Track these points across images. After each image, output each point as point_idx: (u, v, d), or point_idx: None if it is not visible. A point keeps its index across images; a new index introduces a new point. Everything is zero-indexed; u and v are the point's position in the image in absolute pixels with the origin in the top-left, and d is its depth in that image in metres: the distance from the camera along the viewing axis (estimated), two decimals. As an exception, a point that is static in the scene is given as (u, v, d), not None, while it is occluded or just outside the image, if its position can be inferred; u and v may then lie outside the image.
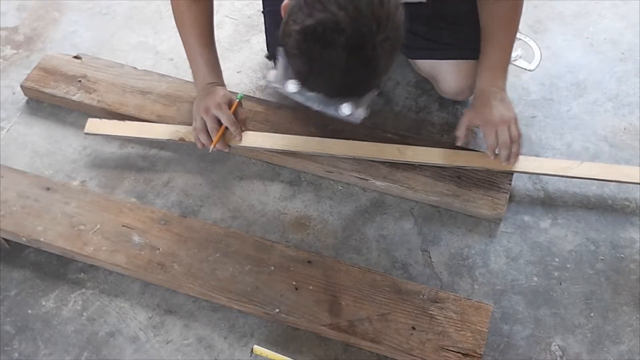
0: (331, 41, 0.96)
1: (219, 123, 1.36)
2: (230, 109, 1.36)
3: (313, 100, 1.11)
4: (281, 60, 1.07)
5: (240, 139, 1.39)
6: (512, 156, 1.34)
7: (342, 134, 1.44)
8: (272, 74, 1.12)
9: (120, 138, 1.48)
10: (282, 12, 1.05)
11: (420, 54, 1.51)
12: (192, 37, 1.36)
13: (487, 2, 1.33)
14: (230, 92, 1.40)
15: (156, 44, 1.70)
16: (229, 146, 1.39)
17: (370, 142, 1.42)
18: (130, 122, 1.46)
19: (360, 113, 1.13)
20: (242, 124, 1.40)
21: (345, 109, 1.11)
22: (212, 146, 1.35)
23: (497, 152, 1.35)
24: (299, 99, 1.12)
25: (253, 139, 1.43)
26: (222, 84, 1.40)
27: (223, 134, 1.37)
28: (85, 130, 1.44)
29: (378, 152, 1.41)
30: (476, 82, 1.38)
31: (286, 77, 1.09)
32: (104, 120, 1.45)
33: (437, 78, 1.52)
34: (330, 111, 1.12)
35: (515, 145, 1.34)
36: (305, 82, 1.06)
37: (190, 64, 1.40)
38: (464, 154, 1.39)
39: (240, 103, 1.40)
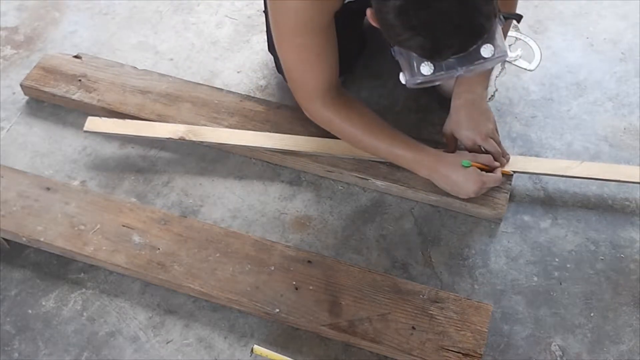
0: None
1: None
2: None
3: (454, 67, 1.02)
4: (401, 58, 1.03)
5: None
6: (503, 162, 1.34)
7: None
8: (402, 77, 1.05)
9: (120, 136, 1.48)
10: (371, 21, 1.01)
11: None
12: (371, 140, 1.30)
13: None
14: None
15: (156, 43, 1.70)
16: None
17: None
18: (129, 120, 1.46)
19: (504, 47, 1.03)
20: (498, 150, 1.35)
21: (486, 52, 1.02)
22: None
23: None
24: (441, 76, 1.04)
25: (253, 138, 1.43)
26: (428, 147, 1.33)
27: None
28: (85, 128, 1.44)
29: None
30: (454, 85, 1.32)
31: (416, 67, 1.02)
32: (104, 119, 1.45)
33: (437, 78, 1.52)
34: (474, 66, 1.03)
35: (500, 153, 1.33)
36: (435, 53, 0.99)
37: (394, 160, 1.34)
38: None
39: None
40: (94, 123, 1.45)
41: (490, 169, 1.31)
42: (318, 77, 1.23)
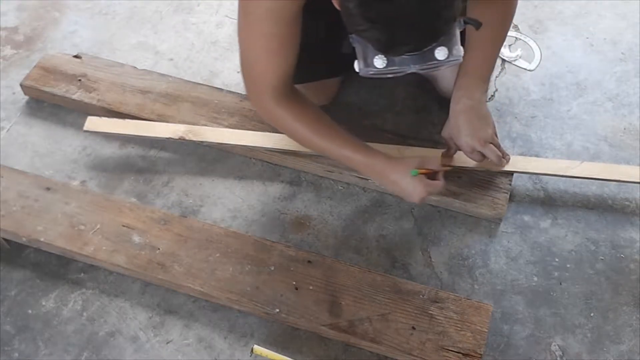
0: None
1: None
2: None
3: (407, 64, 1.03)
4: (357, 46, 1.03)
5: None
6: (503, 163, 1.34)
7: (342, 134, 1.44)
8: (356, 65, 1.06)
9: (120, 136, 1.48)
10: (334, 3, 1.01)
11: None
12: (322, 140, 1.27)
13: (477, 4, 1.24)
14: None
15: (156, 44, 1.70)
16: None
17: (371, 142, 1.42)
18: (129, 120, 1.46)
19: (457, 51, 1.04)
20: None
21: (440, 54, 1.03)
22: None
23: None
24: (393, 70, 1.04)
25: (253, 138, 1.43)
26: (379, 152, 1.30)
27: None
28: (85, 128, 1.44)
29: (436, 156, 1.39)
30: (453, 89, 1.31)
31: (370, 58, 1.03)
32: (104, 119, 1.45)
33: (437, 77, 1.52)
34: (427, 66, 1.04)
35: (501, 158, 1.32)
36: (390, 48, 0.99)
37: (344, 162, 1.30)
38: (462, 154, 1.39)
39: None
40: (93, 123, 1.45)
41: (436, 174, 1.30)
42: (277, 70, 1.21)
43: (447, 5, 0.95)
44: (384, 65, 1.03)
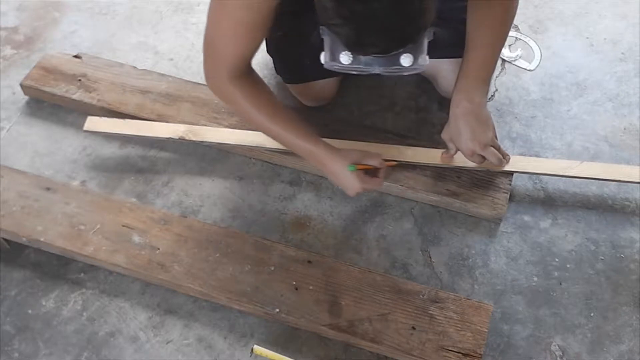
0: None
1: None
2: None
3: (372, 65, 1.05)
4: (327, 38, 1.05)
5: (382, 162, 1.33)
6: (503, 164, 1.34)
7: (342, 134, 1.44)
8: (323, 56, 1.08)
9: (120, 136, 1.48)
10: None
11: None
12: (268, 122, 1.28)
13: (477, 5, 1.26)
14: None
15: (156, 44, 1.70)
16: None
17: (371, 142, 1.42)
18: (129, 120, 1.46)
19: (422, 61, 1.07)
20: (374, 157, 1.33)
21: (406, 61, 1.05)
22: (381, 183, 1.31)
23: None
24: (358, 68, 1.07)
25: (253, 138, 1.43)
26: (322, 141, 1.30)
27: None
28: (85, 128, 1.44)
29: (378, 152, 1.40)
30: (453, 91, 1.30)
31: (337, 53, 1.05)
32: (104, 118, 1.45)
33: (437, 77, 1.52)
34: (391, 69, 1.06)
35: (501, 160, 1.32)
36: (357, 47, 1.01)
37: (288, 146, 1.32)
38: (461, 154, 1.39)
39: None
40: (93, 123, 1.45)
41: (377, 170, 1.30)
42: (238, 53, 1.22)
43: (419, 14, 0.97)
44: (350, 62, 1.05)
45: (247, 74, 1.25)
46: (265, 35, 1.22)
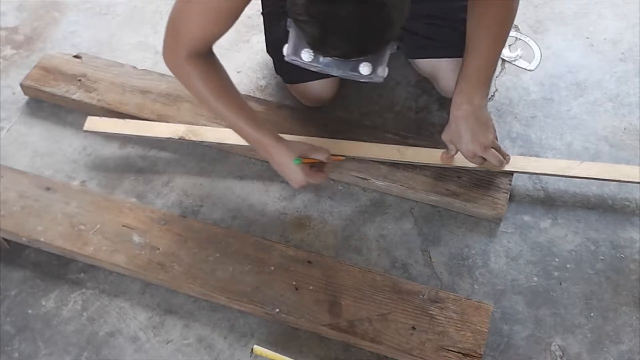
0: None
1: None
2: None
3: (330, 67, 1.07)
4: (292, 32, 1.06)
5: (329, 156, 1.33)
6: (503, 165, 1.34)
7: (342, 134, 1.44)
8: (286, 48, 1.09)
9: (120, 136, 1.48)
10: None
11: (420, 53, 1.51)
12: (220, 105, 1.27)
13: (477, 5, 1.26)
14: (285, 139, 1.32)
15: (156, 44, 1.70)
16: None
17: (371, 142, 1.42)
18: (129, 120, 1.46)
19: (381, 72, 1.08)
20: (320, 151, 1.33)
21: (364, 69, 1.07)
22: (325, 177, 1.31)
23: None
24: (317, 67, 1.09)
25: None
26: (271, 132, 1.29)
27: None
28: (85, 128, 1.44)
29: (378, 152, 1.41)
30: (453, 93, 1.30)
31: (300, 48, 1.06)
32: (104, 118, 1.46)
33: (437, 77, 1.52)
34: (349, 75, 1.08)
35: (501, 161, 1.32)
36: (320, 47, 1.02)
37: (237, 131, 1.30)
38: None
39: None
40: (93, 123, 1.45)
41: (323, 165, 1.31)
42: (203, 36, 1.22)
43: (384, 27, 0.99)
44: (310, 60, 1.07)
45: (206, 56, 1.25)
46: (231, 26, 1.22)
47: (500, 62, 1.65)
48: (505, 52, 1.68)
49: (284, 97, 1.57)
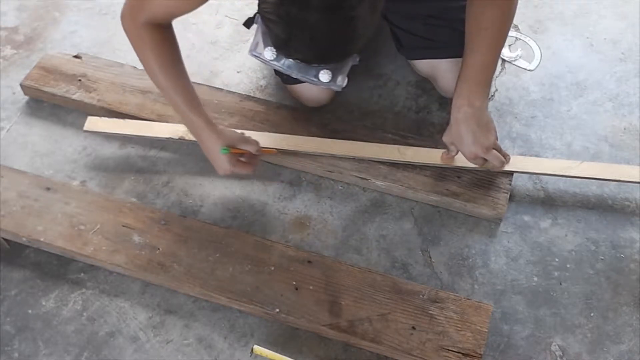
0: (307, 2, 0.94)
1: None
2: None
3: (291, 69, 1.09)
4: (259, 28, 1.07)
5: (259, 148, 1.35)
6: (504, 165, 1.35)
7: (342, 134, 1.45)
8: (251, 44, 1.11)
9: (120, 136, 1.48)
10: None
11: (419, 54, 1.51)
12: (164, 78, 1.27)
13: (475, 6, 1.25)
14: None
15: (156, 43, 1.70)
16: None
17: (371, 142, 1.42)
18: (130, 120, 1.46)
19: (340, 81, 1.10)
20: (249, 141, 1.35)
21: (324, 77, 1.09)
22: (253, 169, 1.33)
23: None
24: (278, 67, 1.10)
25: (255, 138, 1.43)
26: (206, 117, 1.30)
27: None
28: (85, 128, 1.44)
29: (378, 152, 1.41)
30: (453, 94, 1.29)
31: (264, 45, 1.08)
32: (104, 119, 1.46)
33: (436, 77, 1.52)
34: (307, 79, 1.10)
35: (502, 162, 1.32)
36: (284, 48, 1.04)
37: (174, 108, 1.31)
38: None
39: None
40: (93, 123, 1.45)
41: (254, 157, 1.33)
42: (169, 10, 1.23)
43: (349, 40, 1.00)
44: (272, 58, 1.09)
45: (164, 27, 1.25)
46: (202, 4, 1.23)
47: (500, 62, 1.65)
48: (505, 52, 1.68)
49: (284, 97, 1.57)
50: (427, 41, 1.46)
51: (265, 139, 1.43)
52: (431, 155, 1.40)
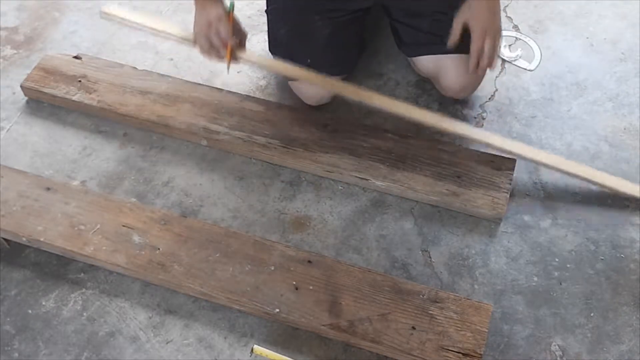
0: None
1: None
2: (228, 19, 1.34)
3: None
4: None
5: (244, 51, 1.38)
6: (491, 64, 1.36)
7: (342, 134, 1.45)
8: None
9: (134, 27, 1.49)
10: None
11: (424, 50, 1.50)
12: None
13: None
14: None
15: (156, 44, 1.70)
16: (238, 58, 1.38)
17: (371, 140, 1.43)
18: (145, 12, 1.50)
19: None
20: (242, 35, 1.39)
21: None
22: (228, 65, 1.35)
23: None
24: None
25: (258, 60, 1.45)
26: None
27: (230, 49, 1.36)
28: (102, 11, 1.47)
29: (388, 104, 1.43)
30: None
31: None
32: (120, 6, 1.49)
33: (439, 74, 1.51)
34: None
35: (491, 58, 1.35)
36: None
37: None
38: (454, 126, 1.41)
39: (233, 13, 1.37)
40: (110, 9, 1.47)
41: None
42: None
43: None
44: None
45: None
46: None
47: (500, 62, 1.65)
48: (505, 52, 1.68)
49: (284, 97, 1.57)
50: (432, 37, 1.45)
51: (272, 63, 1.47)
52: (425, 115, 1.42)
